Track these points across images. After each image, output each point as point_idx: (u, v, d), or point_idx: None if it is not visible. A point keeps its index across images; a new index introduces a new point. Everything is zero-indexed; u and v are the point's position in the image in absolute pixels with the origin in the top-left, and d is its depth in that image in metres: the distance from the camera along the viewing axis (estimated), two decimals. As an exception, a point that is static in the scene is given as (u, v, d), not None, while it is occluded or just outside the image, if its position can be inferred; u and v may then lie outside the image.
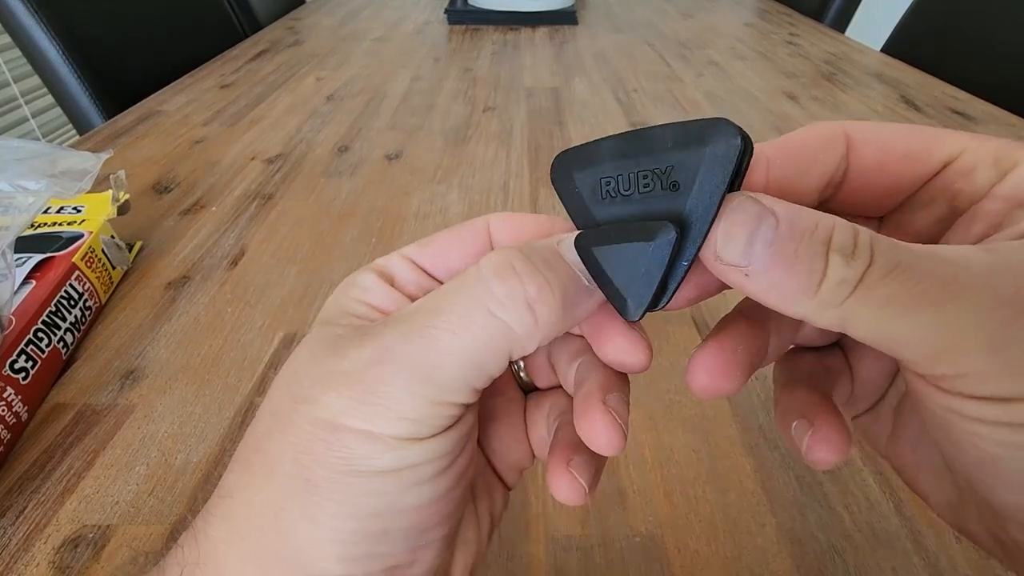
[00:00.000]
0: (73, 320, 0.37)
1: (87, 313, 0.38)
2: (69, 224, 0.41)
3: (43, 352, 0.34)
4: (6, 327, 0.32)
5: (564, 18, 1.20)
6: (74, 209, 0.43)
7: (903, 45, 1.02)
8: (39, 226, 0.41)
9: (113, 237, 0.43)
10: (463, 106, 0.78)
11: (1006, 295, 0.12)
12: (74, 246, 0.39)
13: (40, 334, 0.34)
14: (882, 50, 1.05)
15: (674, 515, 0.29)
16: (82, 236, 0.40)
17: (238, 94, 0.80)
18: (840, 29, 1.23)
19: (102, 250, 0.41)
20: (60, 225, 0.41)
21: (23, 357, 0.32)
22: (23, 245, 0.38)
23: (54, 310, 0.35)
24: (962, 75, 0.85)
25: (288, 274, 0.45)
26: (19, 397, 0.31)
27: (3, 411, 0.30)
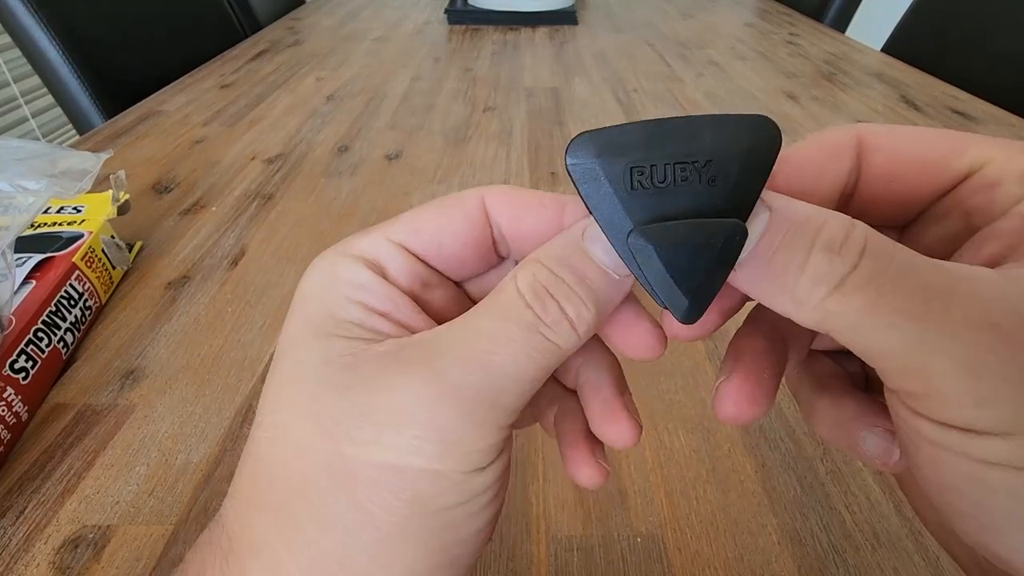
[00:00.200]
0: (73, 320, 0.37)
1: (87, 313, 0.38)
2: (69, 224, 0.41)
3: (43, 352, 0.34)
4: (6, 327, 0.32)
5: (564, 18, 1.20)
6: (74, 209, 0.43)
7: (903, 45, 1.02)
8: (39, 226, 0.41)
9: (113, 237, 0.43)
10: (463, 106, 0.78)
11: (1008, 324, 0.11)
12: (74, 246, 0.39)
13: (40, 334, 0.34)
14: (882, 50, 1.05)
15: (675, 515, 0.29)
16: (82, 236, 0.40)
17: (238, 94, 0.80)
18: (840, 29, 1.23)
19: (102, 250, 0.41)
20: (60, 225, 0.41)
21: (23, 357, 0.32)
22: (23, 245, 0.38)
23: (54, 310, 0.35)
24: (962, 75, 0.85)
25: (288, 274, 0.45)
26: (19, 397, 0.31)
27: (3, 411, 0.30)
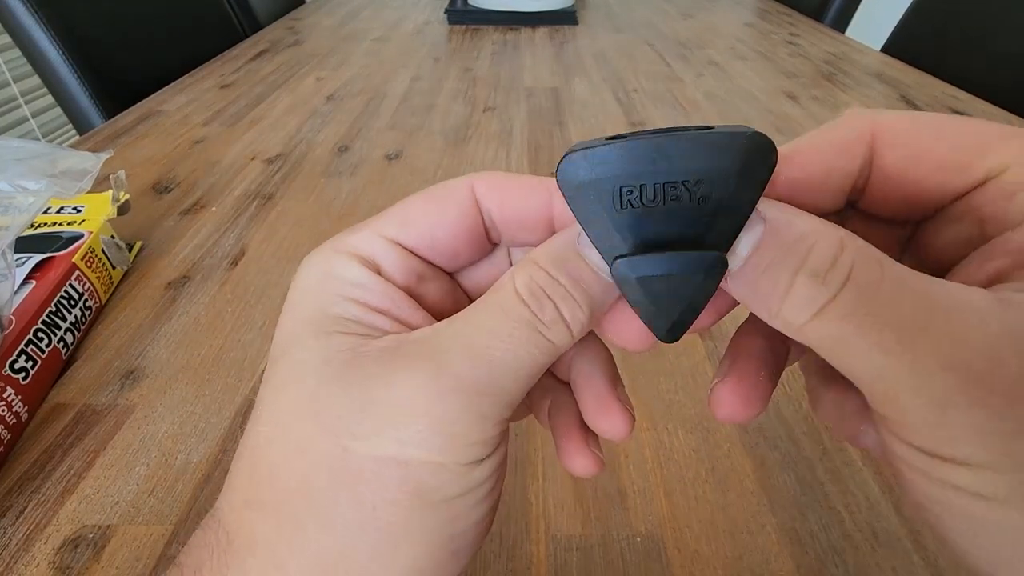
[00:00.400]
0: (73, 320, 0.37)
1: (87, 313, 0.38)
2: (69, 224, 0.41)
3: (43, 352, 0.34)
4: (6, 327, 0.32)
5: (564, 18, 1.20)
6: (74, 209, 0.43)
7: (903, 45, 1.02)
8: (39, 226, 0.41)
9: (113, 237, 0.43)
10: (463, 106, 0.78)
11: (980, 366, 0.11)
12: (74, 246, 0.39)
13: (40, 334, 0.34)
14: (882, 50, 1.05)
15: (674, 515, 0.29)
16: (82, 236, 0.40)
17: (238, 94, 0.80)
18: (840, 29, 1.23)
19: (102, 250, 0.41)
20: (60, 225, 0.41)
21: (23, 357, 0.32)
22: (23, 245, 0.38)
23: (54, 310, 0.35)
24: (962, 75, 0.85)
25: (288, 274, 0.45)
26: (19, 397, 0.31)
27: (3, 411, 0.30)
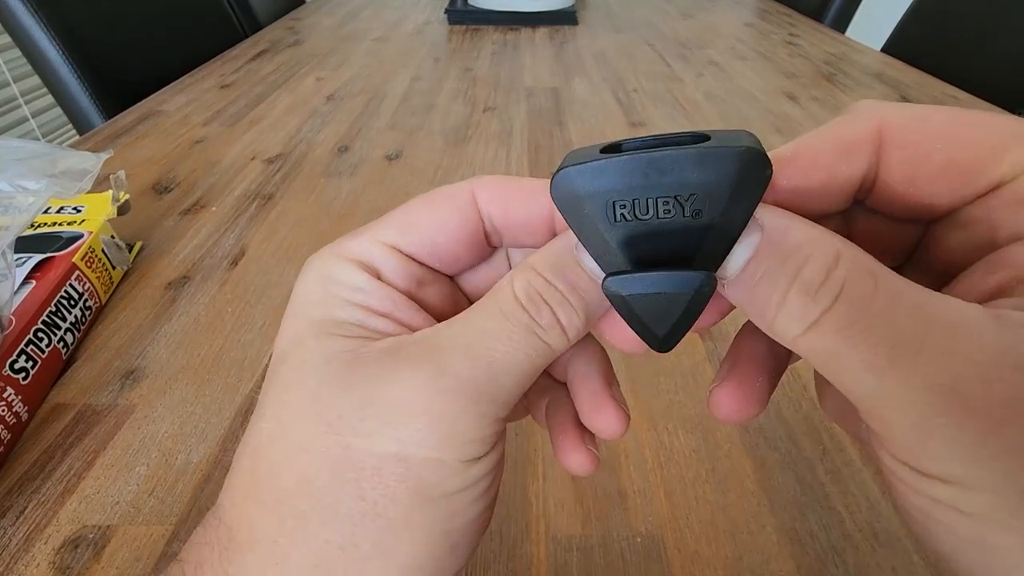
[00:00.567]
0: (73, 320, 0.37)
1: (87, 313, 0.38)
2: (69, 224, 0.41)
3: (43, 352, 0.34)
4: (6, 327, 0.32)
5: (564, 18, 1.20)
6: (74, 209, 0.43)
7: (903, 45, 1.02)
8: (39, 226, 0.41)
9: (113, 237, 0.43)
10: (463, 106, 0.78)
11: (967, 390, 0.11)
12: (74, 246, 0.39)
13: (40, 334, 0.34)
14: (882, 50, 1.05)
15: (674, 515, 0.29)
16: (82, 236, 0.40)
17: (238, 94, 0.80)
18: (840, 29, 1.23)
19: (102, 250, 0.41)
20: (60, 225, 0.41)
21: (23, 357, 0.32)
22: (23, 245, 0.38)
23: (54, 310, 0.35)
24: (962, 75, 0.85)
25: (288, 274, 0.45)
26: (19, 397, 0.31)
27: (3, 411, 0.30)
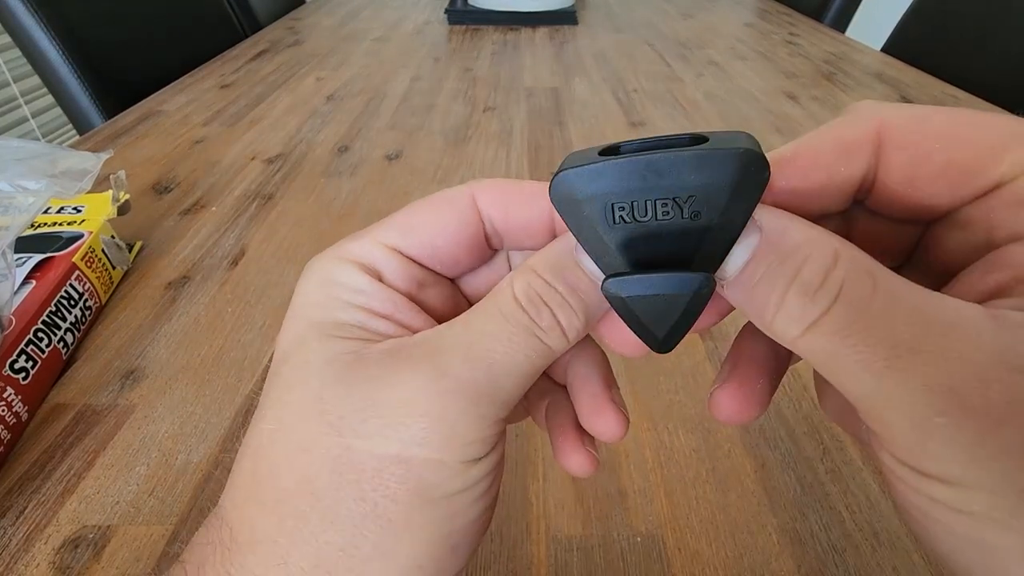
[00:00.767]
0: (73, 320, 0.37)
1: (87, 313, 0.38)
2: (69, 224, 0.41)
3: (43, 352, 0.34)
4: (6, 327, 0.32)
5: (564, 18, 1.20)
6: (74, 209, 0.43)
7: (903, 45, 1.02)
8: (39, 226, 0.41)
9: (113, 237, 0.43)
10: (463, 106, 0.78)
11: (966, 389, 0.11)
12: (74, 246, 0.39)
13: (40, 334, 0.34)
14: (882, 50, 1.05)
15: (675, 515, 0.29)
16: (82, 236, 0.40)
17: (238, 94, 0.80)
18: (840, 29, 1.23)
19: (102, 250, 0.41)
20: (60, 225, 0.41)
21: (23, 357, 0.32)
22: (23, 245, 0.38)
23: (54, 310, 0.35)
24: (962, 75, 0.85)
25: (288, 274, 0.45)
26: (19, 397, 0.31)
27: (3, 411, 0.30)
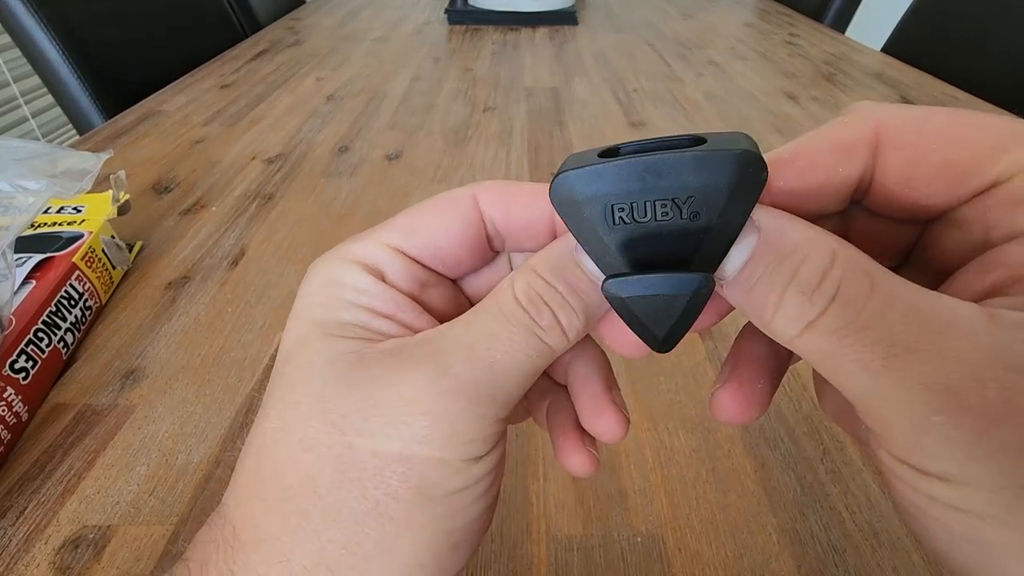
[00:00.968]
0: (73, 320, 0.37)
1: (87, 313, 0.38)
2: (69, 224, 0.41)
3: (43, 352, 0.34)
4: (6, 327, 0.32)
5: (564, 18, 1.20)
6: (74, 209, 0.43)
7: (903, 45, 1.02)
8: (39, 226, 0.41)
9: (113, 237, 0.43)
10: (463, 106, 0.78)
11: (963, 388, 0.11)
12: (74, 246, 0.39)
13: (40, 334, 0.34)
14: (882, 50, 1.05)
15: (675, 515, 0.29)
16: (82, 236, 0.40)
17: (238, 94, 0.80)
18: (840, 29, 1.23)
19: (102, 250, 0.41)
20: (60, 225, 0.41)
21: (23, 357, 0.32)
22: (23, 245, 0.38)
23: (54, 310, 0.35)
24: (962, 75, 0.85)
25: (288, 274, 0.45)
26: (19, 397, 0.31)
27: (3, 411, 0.30)
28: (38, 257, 0.37)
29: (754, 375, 0.16)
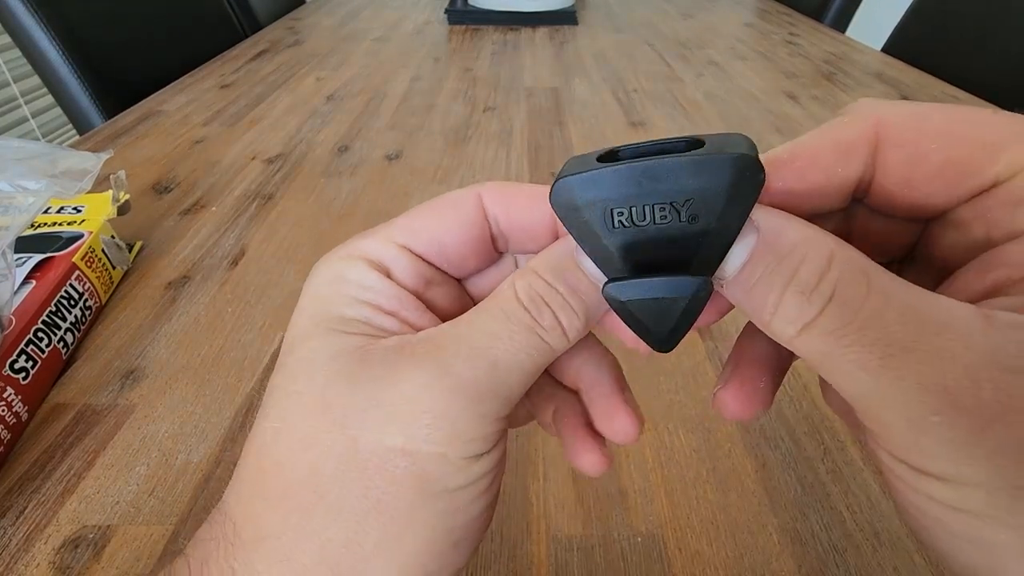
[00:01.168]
0: (73, 320, 0.37)
1: (87, 313, 0.38)
2: (69, 224, 0.41)
3: (43, 352, 0.34)
4: (6, 327, 0.32)
5: (564, 18, 1.20)
6: (74, 209, 0.43)
7: (903, 45, 1.02)
8: (39, 226, 0.41)
9: (113, 237, 0.43)
10: (463, 106, 0.78)
11: (959, 387, 0.11)
12: (74, 246, 0.39)
13: (40, 334, 0.34)
14: (882, 50, 1.05)
15: (675, 515, 0.29)
16: (82, 236, 0.40)
17: (238, 94, 0.80)
18: (840, 29, 1.23)
19: (102, 250, 0.41)
20: (60, 225, 0.41)
21: (23, 357, 0.32)
22: (23, 245, 0.38)
23: (54, 310, 0.35)
24: (962, 75, 0.85)
25: (288, 274, 0.45)
26: (19, 397, 0.31)
27: (3, 411, 0.30)
28: (38, 257, 0.37)
29: (756, 374, 0.16)
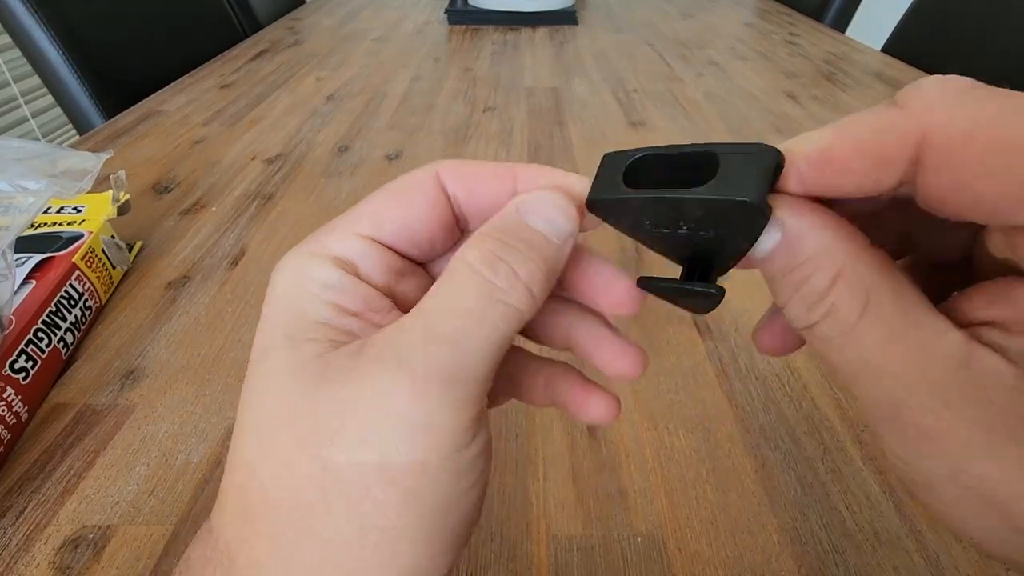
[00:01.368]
0: (73, 320, 0.37)
1: (87, 313, 0.38)
2: (69, 224, 0.41)
3: (43, 352, 0.34)
4: (6, 327, 0.32)
5: (564, 18, 1.20)
6: (74, 209, 0.43)
7: (903, 45, 1.02)
8: (39, 226, 0.41)
9: (113, 237, 0.43)
10: (463, 106, 0.78)
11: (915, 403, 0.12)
12: (74, 246, 0.39)
13: (40, 334, 0.34)
14: (882, 50, 1.05)
15: (675, 515, 0.29)
16: (82, 236, 0.40)
17: (238, 94, 0.80)
18: (840, 29, 1.23)
19: (102, 250, 0.41)
20: (60, 225, 0.41)
21: (23, 357, 0.32)
22: (23, 245, 0.38)
23: (54, 310, 0.35)
24: (962, 75, 0.85)
25: (288, 274, 0.45)
26: (19, 397, 0.31)
27: (3, 411, 0.30)
28: (38, 257, 0.37)
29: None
